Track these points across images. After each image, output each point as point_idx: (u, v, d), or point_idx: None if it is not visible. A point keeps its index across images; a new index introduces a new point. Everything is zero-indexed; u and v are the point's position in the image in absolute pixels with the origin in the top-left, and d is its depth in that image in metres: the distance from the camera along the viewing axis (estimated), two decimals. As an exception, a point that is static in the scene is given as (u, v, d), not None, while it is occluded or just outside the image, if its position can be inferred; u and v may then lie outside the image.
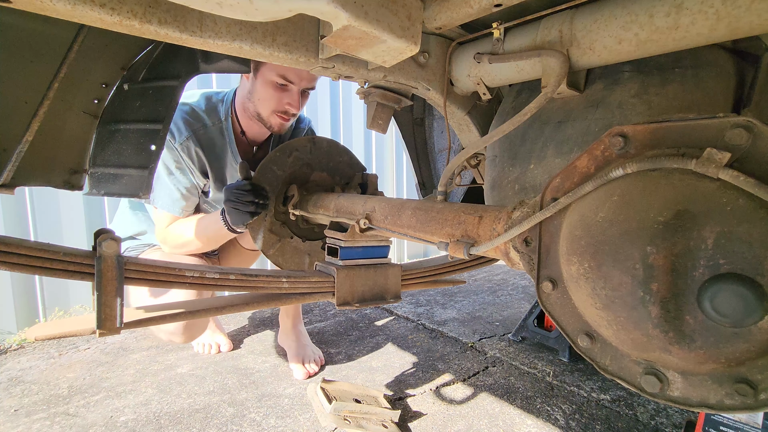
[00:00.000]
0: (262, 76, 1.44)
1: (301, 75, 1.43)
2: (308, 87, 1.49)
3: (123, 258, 0.75)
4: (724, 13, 0.64)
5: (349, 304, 1.06)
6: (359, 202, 1.07)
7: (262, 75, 1.44)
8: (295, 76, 1.42)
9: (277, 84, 1.43)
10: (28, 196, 2.05)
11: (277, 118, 1.50)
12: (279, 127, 1.53)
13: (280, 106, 1.46)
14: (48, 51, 0.84)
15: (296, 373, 1.60)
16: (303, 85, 1.46)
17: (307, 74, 1.44)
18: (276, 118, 1.50)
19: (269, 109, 1.47)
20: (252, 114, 1.52)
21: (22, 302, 2.07)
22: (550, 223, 0.60)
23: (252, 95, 1.50)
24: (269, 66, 1.42)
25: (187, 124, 1.48)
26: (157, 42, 1.02)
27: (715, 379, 0.47)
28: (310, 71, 0.92)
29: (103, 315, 0.73)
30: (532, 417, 1.36)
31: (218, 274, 0.87)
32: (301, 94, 1.49)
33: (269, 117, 1.50)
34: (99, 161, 1.05)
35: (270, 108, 1.47)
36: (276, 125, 1.52)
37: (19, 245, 0.66)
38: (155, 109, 1.03)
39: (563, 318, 0.59)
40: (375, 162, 3.65)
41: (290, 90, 1.45)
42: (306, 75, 1.45)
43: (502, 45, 0.93)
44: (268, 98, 1.46)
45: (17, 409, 1.36)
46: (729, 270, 0.42)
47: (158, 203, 1.53)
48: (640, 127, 0.51)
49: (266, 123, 1.52)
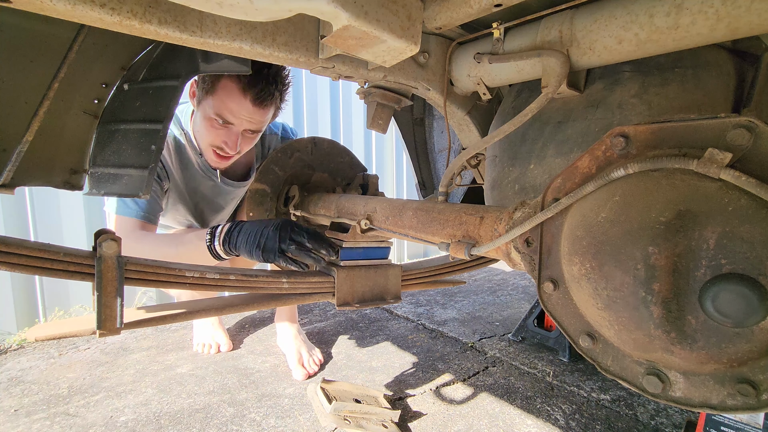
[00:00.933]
0: (203, 109, 1.36)
1: (242, 116, 1.33)
2: (251, 129, 1.40)
3: (123, 258, 0.75)
4: (724, 13, 0.64)
5: (349, 304, 1.06)
6: (360, 203, 1.07)
7: (203, 109, 1.36)
8: (235, 118, 1.33)
9: (215, 121, 1.34)
10: (28, 196, 2.05)
11: (212, 154, 1.43)
12: (214, 164, 1.47)
13: (216, 142, 1.39)
14: (48, 51, 0.83)
15: (295, 373, 1.60)
16: (245, 126, 1.37)
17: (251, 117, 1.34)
18: (212, 154, 1.44)
19: (206, 142, 1.42)
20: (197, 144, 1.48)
21: (22, 302, 2.07)
22: (552, 223, 0.60)
23: (195, 125, 1.45)
24: (210, 101, 1.33)
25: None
26: (157, 42, 1.02)
27: (717, 379, 0.47)
28: (311, 71, 0.92)
29: (104, 315, 0.73)
30: (532, 417, 1.36)
31: (218, 275, 0.87)
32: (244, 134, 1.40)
33: (206, 150, 1.45)
34: (99, 161, 1.05)
35: (207, 141, 1.41)
36: (212, 162, 1.47)
37: (20, 245, 0.66)
38: (155, 109, 1.03)
39: (565, 318, 0.59)
40: (375, 162, 3.65)
41: (230, 129, 1.37)
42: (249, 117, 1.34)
43: (502, 45, 0.93)
44: (205, 132, 1.40)
45: (17, 409, 1.35)
46: (731, 270, 0.42)
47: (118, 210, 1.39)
48: (642, 127, 0.51)
49: (204, 155, 1.47)
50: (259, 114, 1.35)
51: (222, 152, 1.42)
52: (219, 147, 1.41)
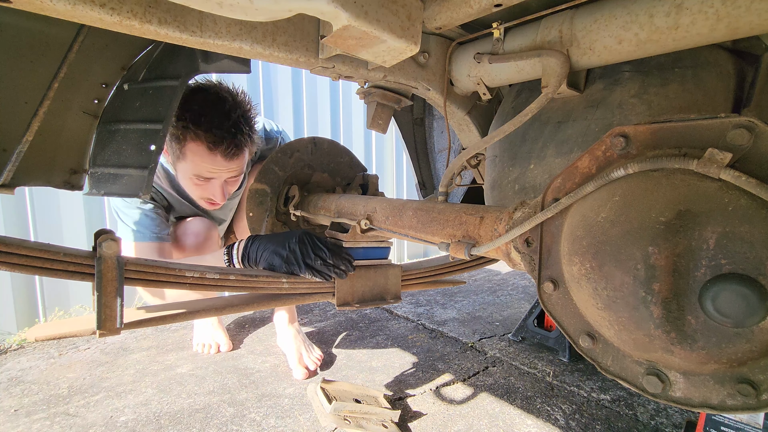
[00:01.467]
0: (181, 171, 1.35)
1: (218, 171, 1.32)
2: (231, 176, 1.39)
3: (123, 258, 0.75)
4: (724, 13, 0.64)
5: (349, 304, 1.06)
6: (360, 203, 1.07)
7: (181, 171, 1.35)
8: (212, 174, 1.32)
9: (195, 179, 1.34)
10: (28, 196, 2.05)
11: (206, 204, 1.46)
12: (211, 208, 1.49)
13: (204, 194, 1.41)
14: (48, 51, 0.83)
15: (296, 372, 1.60)
16: (225, 177, 1.37)
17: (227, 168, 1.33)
18: (205, 203, 1.46)
19: (195, 195, 1.44)
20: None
21: (22, 302, 2.07)
22: (552, 223, 0.60)
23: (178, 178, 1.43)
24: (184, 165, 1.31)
25: None
26: (157, 42, 1.02)
27: (717, 379, 0.46)
28: (311, 71, 0.92)
29: (104, 315, 0.73)
30: (532, 417, 1.36)
31: (218, 275, 0.87)
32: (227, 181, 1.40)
33: (198, 201, 1.47)
34: (99, 161, 1.05)
35: (195, 195, 1.44)
36: (208, 207, 1.49)
37: (20, 245, 0.66)
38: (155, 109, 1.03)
39: (565, 318, 0.59)
40: (375, 162, 3.65)
41: (212, 183, 1.37)
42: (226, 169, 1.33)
43: (502, 45, 0.93)
44: (191, 189, 1.41)
45: (17, 409, 1.35)
46: (731, 270, 0.42)
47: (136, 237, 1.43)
48: (642, 127, 0.51)
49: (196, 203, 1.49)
50: (235, 163, 1.35)
51: (212, 201, 1.44)
52: (208, 198, 1.42)
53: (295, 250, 0.99)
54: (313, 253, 0.99)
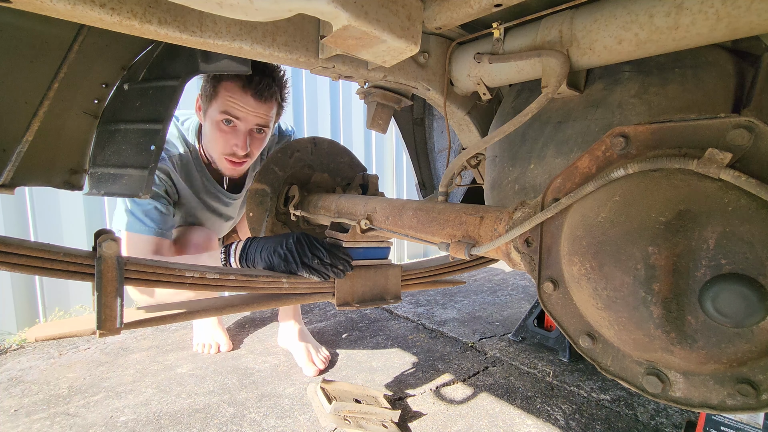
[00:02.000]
0: (209, 117, 1.39)
1: (247, 111, 1.35)
2: (259, 125, 1.42)
3: (123, 258, 0.75)
4: (724, 13, 0.64)
5: (349, 304, 1.06)
6: (360, 203, 1.07)
7: (209, 116, 1.39)
8: (240, 112, 1.35)
9: (222, 124, 1.37)
10: (28, 196, 2.05)
11: (226, 163, 1.45)
12: (230, 173, 1.48)
13: (227, 148, 1.41)
14: (48, 51, 0.83)
15: (306, 370, 1.60)
16: (251, 123, 1.39)
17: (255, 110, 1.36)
18: (225, 163, 1.45)
19: (217, 152, 1.44)
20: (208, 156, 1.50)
21: (22, 302, 2.07)
22: (552, 223, 0.60)
23: (204, 138, 1.47)
24: (215, 105, 1.36)
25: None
26: (157, 42, 1.02)
27: (717, 379, 0.47)
28: (311, 71, 0.92)
29: (104, 315, 0.73)
30: (532, 417, 1.36)
31: (218, 275, 0.87)
32: (252, 134, 1.42)
33: (219, 160, 1.46)
34: (99, 161, 1.05)
35: (218, 151, 1.43)
36: (227, 171, 1.48)
37: (20, 245, 0.66)
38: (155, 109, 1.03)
39: (564, 318, 0.59)
40: (375, 162, 3.65)
41: (237, 130, 1.39)
42: (254, 111, 1.36)
43: (502, 45, 0.93)
44: (214, 140, 1.42)
45: (17, 409, 1.35)
46: (731, 270, 0.42)
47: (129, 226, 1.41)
48: (642, 127, 0.51)
49: (218, 166, 1.48)
50: (263, 108, 1.39)
51: (234, 158, 1.44)
52: (230, 153, 1.43)
53: (292, 250, 1.00)
54: (311, 253, 1.00)
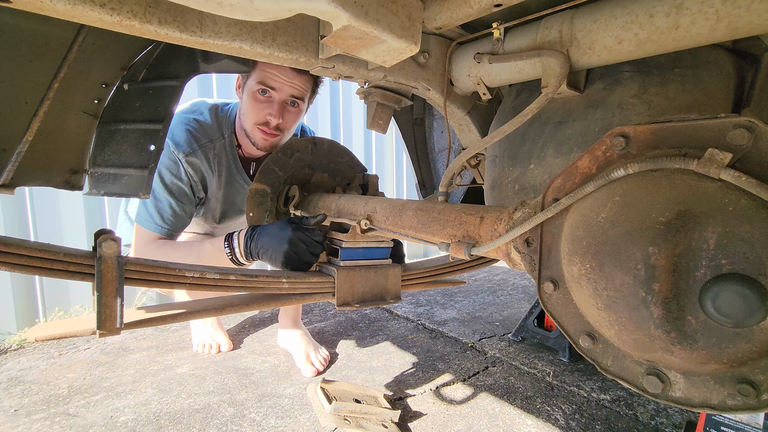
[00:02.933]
0: (247, 89, 1.42)
1: (284, 82, 1.38)
2: (294, 96, 1.43)
3: (123, 258, 0.75)
4: (724, 13, 0.64)
5: (349, 304, 1.06)
6: (360, 203, 1.07)
7: (247, 88, 1.42)
8: (276, 83, 1.38)
9: (258, 94, 1.39)
10: (28, 196, 2.05)
11: (259, 133, 1.45)
12: (262, 143, 1.48)
13: (260, 117, 1.42)
14: (48, 51, 0.83)
15: (305, 370, 1.60)
16: (286, 93, 1.41)
17: (290, 81, 1.39)
18: (258, 133, 1.46)
19: (251, 122, 1.44)
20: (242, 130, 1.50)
21: (22, 302, 2.07)
22: (552, 223, 0.60)
23: (240, 112, 1.48)
24: (253, 77, 1.39)
25: (194, 138, 1.45)
26: (157, 42, 1.02)
27: (717, 379, 0.46)
28: (311, 71, 0.92)
29: (104, 316, 0.73)
30: (532, 417, 1.36)
31: (218, 275, 0.87)
32: (286, 106, 1.44)
33: (252, 131, 1.46)
34: (99, 161, 1.05)
35: (252, 121, 1.44)
36: (259, 141, 1.48)
37: (20, 246, 0.66)
38: (155, 109, 1.03)
39: (565, 319, 0.59)
40: (375, 162, 3.65)
41: (272, 100, 1.41)
42: (289, 81, 1.39)
43: (502, 45, 0.93)
44: (249, 110, 1.43)
45: (17, 409, 1.35)
46: (731, 270, 0.42)
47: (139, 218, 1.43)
48: (642, 127, 0.51)
49: (251, 139, 1.48)
50: (299, 79, 1.41)
51: (267, 128, 1.44)
52: (264, 122, 1.43)
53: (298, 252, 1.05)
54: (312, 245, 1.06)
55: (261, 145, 1.49)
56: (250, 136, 1.49)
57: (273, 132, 1.46)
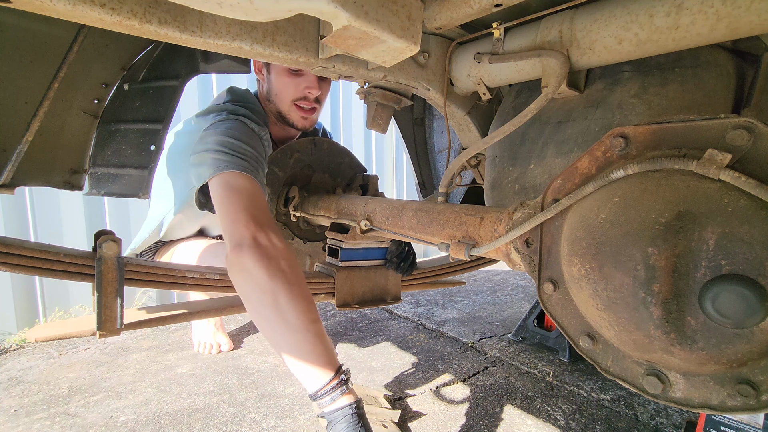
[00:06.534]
0: (274, 69, 1.36)
1: None
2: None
3: (123, 259, 0.75)
4: (724, 13, 0.64)
5: (349, 305, 1.06)
6: (360, 204, 1.07)
7: (274, 69, 1.36)
8: None
9: (291, 70, 1.34)
10: (28, 196, 2.05)
11: (296, 111, 1.39)
12: (301, 122, 1.41)
13: (298, 92, 1.36)
14: (48, 51, 0.83)
15: None
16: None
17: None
18: (296, 111, 1.40)
19: (287, 100, 1.38)
20: (274, 115, 1.44)
21: (22, 302, 2.07)
22: (552, 224, 0.60)
23: (270, 94, 1.41)
24: None
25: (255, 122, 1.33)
26: (157, 42, 1.02)
27: (717, 380, 0.46)
28: (311, 71, 0.92)
29: (104, 316, 0.73)
30: (532, 417, 1.36)
31: (218, 276, 0.87)
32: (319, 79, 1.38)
33: (289, 111, 1.40)
34: (99, 161, 1.05)
35: (288, 98, 1.38)
36: (298, 120, 1.41)
37: (20, 246, 0.66)
38: (155, 109, 1.03)
39: (565, 319, 0.59)
40: (375, 162, 3.65)
41: (305, 73, 1.35)
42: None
43: (502, 45, 0.93)
44: (283, 88, 1.37)
45: (17, 409, 1.35)
46: (730, 271, 0.42)
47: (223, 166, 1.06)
48: (641, 128, 0.51)
49: (288, 120, 1.41)
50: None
51: (305, 102, 1.39)
52: (302, 97, 1.38)
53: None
54: None
55: (300, 124, 1.42)
56: (286, 117, 1.42)
57: (313, 105, 1.40)
